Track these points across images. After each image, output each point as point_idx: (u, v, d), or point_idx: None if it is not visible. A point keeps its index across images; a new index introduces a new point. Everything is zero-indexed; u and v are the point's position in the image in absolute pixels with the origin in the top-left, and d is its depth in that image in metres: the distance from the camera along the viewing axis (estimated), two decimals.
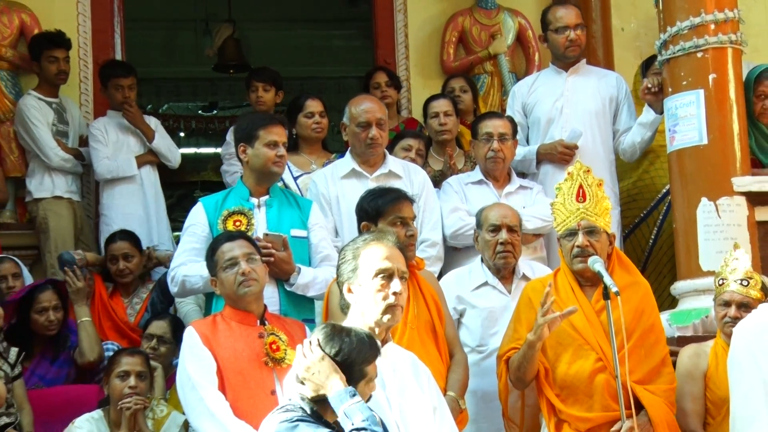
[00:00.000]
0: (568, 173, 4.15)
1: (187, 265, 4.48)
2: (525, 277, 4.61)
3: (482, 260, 4.67)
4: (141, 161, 6.38)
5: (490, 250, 4.58)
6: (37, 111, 6.30)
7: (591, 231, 4.05)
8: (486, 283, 4.62)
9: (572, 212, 4.07)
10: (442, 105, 5.99)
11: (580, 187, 4.09)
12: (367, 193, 4.43)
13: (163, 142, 6.46)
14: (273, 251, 4.33)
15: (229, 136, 6.59)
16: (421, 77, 7.14)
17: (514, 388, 4.12)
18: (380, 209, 4.27)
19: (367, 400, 3.09)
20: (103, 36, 6.88)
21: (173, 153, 6.54)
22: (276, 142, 4.57)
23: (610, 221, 4.15)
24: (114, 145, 6.37)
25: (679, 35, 5.14)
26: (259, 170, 4.60)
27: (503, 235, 4.55)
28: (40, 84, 6.46)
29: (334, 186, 5.10)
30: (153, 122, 6.59)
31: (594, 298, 4.06)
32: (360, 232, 4.23)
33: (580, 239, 4.04)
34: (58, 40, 6.40)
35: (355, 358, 3.10)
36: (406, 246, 3.98)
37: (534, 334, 3.92)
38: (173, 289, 4.60)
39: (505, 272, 4.62)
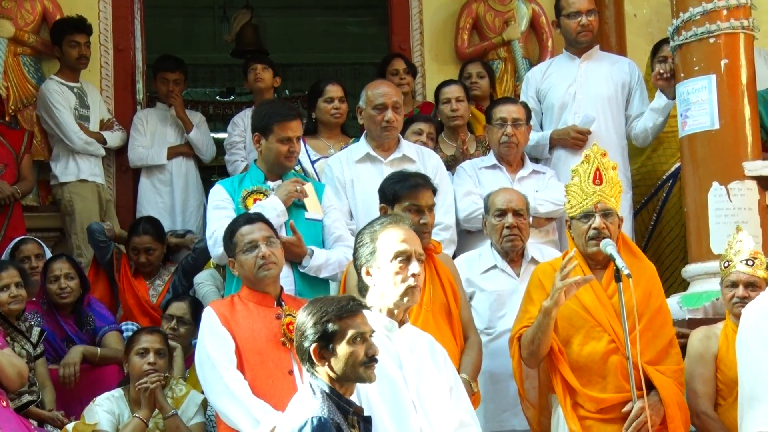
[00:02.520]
0: (585, 156, 4.11)
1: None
2: (534, 261, 4.60)
3: (491, 244, 4.67)
4: (173, 152, 6.57)
5: (497, 234, 4.58)
6: (59, 95, 6.35)
7: (606, 214, 4.03)
8: (495, 267, 4.61)
9: (589, 195, 4.04)
10: (453, 91, 5.98)
11: (597, 169, 4.05)
12: (390, 176, 4.44)
13: (200, 136, 6.61)
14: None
15: (230, 128, 6.71)
16: (436, 63, 7.12)
17: (526, 365, 4.07)
18: (397, 194, 4.27)
19: (366, 363, 3.07)
20: (124, 22, 6.90)
21: (208, 148, 6.72)
22: (290, 138, 4.57)
23: (620, 204, 4.13)
24: (151, 136, 6.56)
25: (692, 21, 5.11)
26: (271, 163, 4.63)
27: (509, 219, 4.54)
28: (61, 69, 6.49)
29: (349, 170, 5.09)
30: (197, 117, 6.79)
31: (604, 280, 4.03)
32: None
33: (597, 221, 4.01)
34: (79, 25, 6.44)
35: (325, 309, 3.10)
36: (421, 233, 3.96)
37: (551, 299, 3.87)
38: (217, 251, 4.47)
39: (513, 255, 4.61)
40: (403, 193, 4.26)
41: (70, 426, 4.47)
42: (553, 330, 3.96)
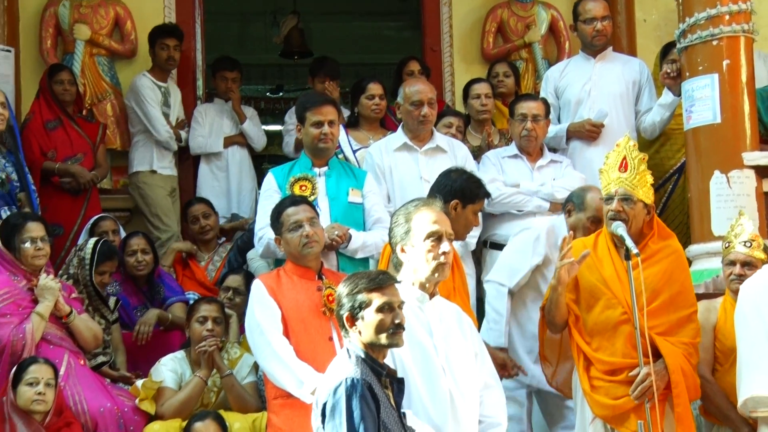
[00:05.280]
0: (617, 144, 4.07)
1: None
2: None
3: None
4: (228, 141, 6.59)
5: (581, 233, 4.36)
6: (150, 91, 6.38)
7: (626, 198, 3.97)
8: None
9: (613, 180, 3.99)
10: (483, 88, 5.95)
11: (624, 158, 4.00)
12: (469, 176, 4.30)
13: (252, 127, 6.64)
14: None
15: (287, 117, 6.71)
16: (464, 63, 7.08)
17: (550, 332, 4.09)
18: (478, 197, 4.21)
19: (392, 330, 3.07)
20: (185, 27, 6.88)
21: (259, 138, 6.72)
22: (321, 121, 4.53)
23: (650, 194, 4.04)
24: (210, 127, 6.58)
25: (697, 25, 5.06)
26: (309, 148, 4.60)
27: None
28: (153, 68, 6.51)
29: (387, 157, 5.07)
30: (250, 111, 6.82)
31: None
32: (442, 208, 3.89)
33: (615, 204, 3.97)
34: (169, 30, 6.48)
35: (357, 282, 3.12)
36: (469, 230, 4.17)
37: (554, 278, 3.92)
38: (259, 249, 4.57)
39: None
40: (482, 199, 4.23)
41: (139, 383, 4.51)
42: (563, 303, 3.96)
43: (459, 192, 4.18)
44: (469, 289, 4.19)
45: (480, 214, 5.00)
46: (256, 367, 4.53)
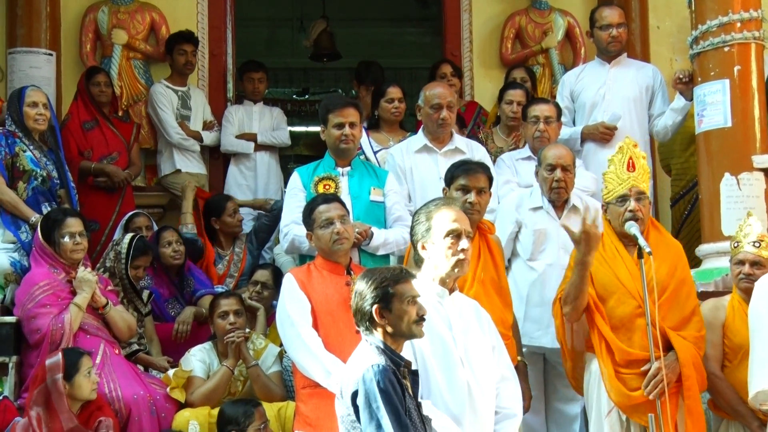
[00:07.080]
0: (619, 147, 4.04)
1: (300, 226, 4.34)
2: (574, 207, 4.55)
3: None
4: (258, 146, 6.58)
5: (546, 185, 4.52)
6: (163, 96, 6.44)
7: (639, 198, 3.96)
8: (541, 208, 4.58)
9: (624, 180, 3.97)
10: (517, 95, 5.84)
11: (630, 158, 3.98)
12: (453, 163, 4.38)
13: (270, 138, 6.62)
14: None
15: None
16: (483, 68, 7.07)
17: (568, 321, 4.00)
18: (453, 175, 4.22)
19: (417, 321, 3.06)
20: (218, 32, 6.94)
21: (283, 139, 6.69)
22: (342, 123, 4.52)
23: (648, 187, 4.05)
24: (239, 128, 6.62)
25: (709, 32, 5.03)
26: (332, 148, 4.60)
27: (558, 174, 4.47)
28: (171, 74, 6.57)
29: (408, 159, 5.05)
30: (276, 112, 6.80)
31: (636, 255, 3.95)
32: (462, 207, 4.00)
33: (632, 204, 3.94)
34: (187, 36, 6.52)
35: (383, 276, 3.09)
36: (467, 211, 3.86)
37: (582, 251, 3.77)
38: (284, 244, 4.58)
39: (558, 203, 4.57)
40: (458, 175, 4.20)
41: (170, 372, 4.54)
42: (588, 279, 3.87)
43: (445, 180, 4.29)
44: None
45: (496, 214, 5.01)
46: (280, 357, 4.54)
